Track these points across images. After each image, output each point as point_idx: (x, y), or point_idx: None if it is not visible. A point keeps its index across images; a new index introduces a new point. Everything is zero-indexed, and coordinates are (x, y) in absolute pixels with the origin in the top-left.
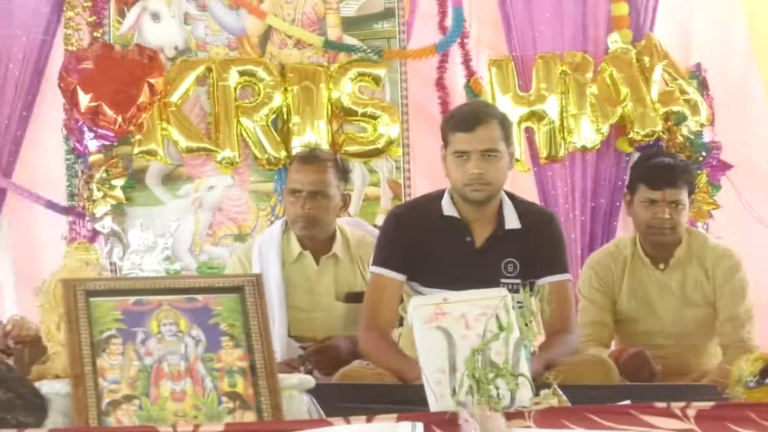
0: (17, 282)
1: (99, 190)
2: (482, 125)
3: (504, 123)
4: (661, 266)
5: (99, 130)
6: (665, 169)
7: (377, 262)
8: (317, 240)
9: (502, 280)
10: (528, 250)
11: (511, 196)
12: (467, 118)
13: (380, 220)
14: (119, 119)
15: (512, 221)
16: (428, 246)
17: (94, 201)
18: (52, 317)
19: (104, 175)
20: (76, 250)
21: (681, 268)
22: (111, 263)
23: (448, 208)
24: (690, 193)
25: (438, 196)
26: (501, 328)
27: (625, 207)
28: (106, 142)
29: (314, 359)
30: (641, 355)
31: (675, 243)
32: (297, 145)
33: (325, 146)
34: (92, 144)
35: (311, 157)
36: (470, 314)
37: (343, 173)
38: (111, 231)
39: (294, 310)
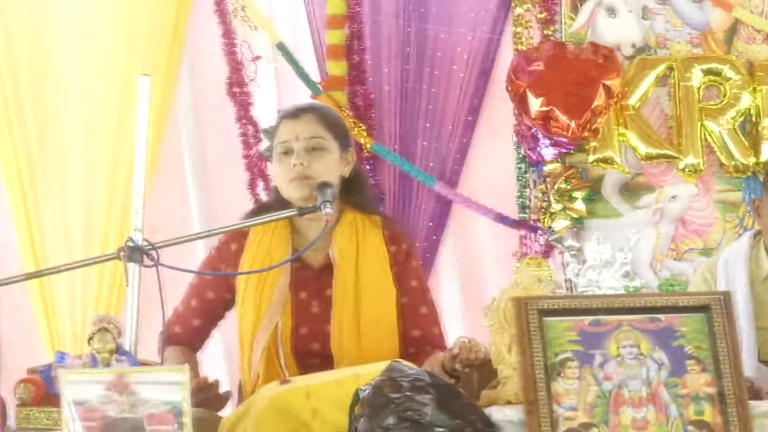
0: (463, 301)
1: (558, 202)
2: None
3: None
4: None
5: (555, 138)
6: None
7: None
8: None
9: None
10: None
11: None
12: None
13: None
14: (572, 125)
15: None
16: None
17: (551, 214)
18: (503, 338)
19: (564, 185)
20: (528, 266)
21: None
22: (566, 280)
23: None
24: None
25: None
26: None
27: None
28: (562, 150)
29: None
30: None
31: None
32: None
33: None
34: (547, 152)
35: None
36: None
37: None
38: (567, 246)
39: (763, 332)
